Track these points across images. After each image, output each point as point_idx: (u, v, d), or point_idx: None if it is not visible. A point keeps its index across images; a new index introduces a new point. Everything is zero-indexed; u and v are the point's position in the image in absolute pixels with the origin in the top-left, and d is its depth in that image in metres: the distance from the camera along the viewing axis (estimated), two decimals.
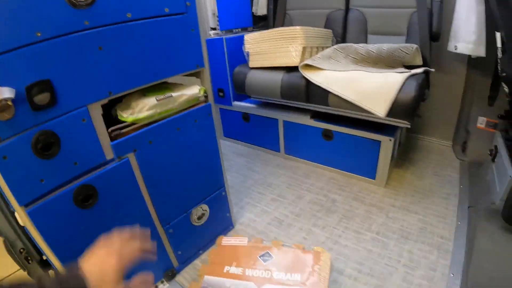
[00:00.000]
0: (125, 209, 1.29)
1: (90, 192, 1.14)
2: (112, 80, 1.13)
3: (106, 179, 1.19)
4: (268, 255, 1.48)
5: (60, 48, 0.97)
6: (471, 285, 1.42)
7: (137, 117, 1.24)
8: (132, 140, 1.25)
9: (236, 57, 2.71)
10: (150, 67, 1.24)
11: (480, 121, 2.47)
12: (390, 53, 2.13)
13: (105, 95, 1.13)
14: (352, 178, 2.40)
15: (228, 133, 3.17)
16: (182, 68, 1.39)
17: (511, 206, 1.61)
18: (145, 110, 1.26)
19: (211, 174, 1.67)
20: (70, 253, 1.14)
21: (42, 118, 0.97)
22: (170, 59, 1.31)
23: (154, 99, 1.28)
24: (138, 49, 1.18)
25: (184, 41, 1.34)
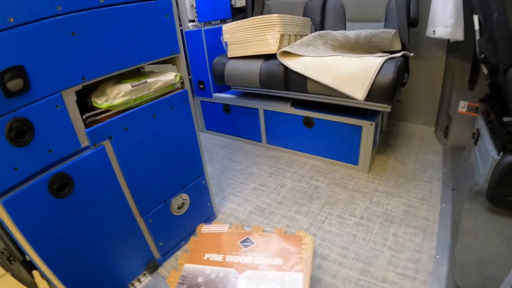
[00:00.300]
0: (102, 198, 1.25)
1: (65, 180, 1.10)
2: (85, 66, 1.10)
3: (81, 167, 1.15)
4: (249, 240, 1.44)
5: (33, 34, 0.94)
6: (459, 265, 1.42)
7: (112, 103, 1.21)
8: (107, 127, 1.21)
9: (215, 48, 2.68)
10: (124, 53, 1.21)
11: (462, 105, 2.48)
12: (369, 39, 2.12)
13: (79, 81, 1.09)
14: (335, 165, 2.38)
15: (209, 125, 3.13)
16: (157, 54, 1.36)
17: (495, 186, 1.62)
18: (120, 96, 1.23)
19: (190, 162, 1.64)
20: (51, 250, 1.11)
21: (15, 104, 0.94)
22: (144, 45, 1.28)
23: (129, 85, 1.25)
24: (112, 35, 1.15)
25: (158, 27, 1.31)
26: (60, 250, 1.14)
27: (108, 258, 1.34)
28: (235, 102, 2.73)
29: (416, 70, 2.62)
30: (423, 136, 2.76)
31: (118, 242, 1.36)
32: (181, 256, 1.44)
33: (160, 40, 1.34)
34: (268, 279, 1.24)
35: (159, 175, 1.48)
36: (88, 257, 1.25)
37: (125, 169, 1.31)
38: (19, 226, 1.00)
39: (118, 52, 1.19)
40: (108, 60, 1.16)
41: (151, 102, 1.36)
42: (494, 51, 1.63)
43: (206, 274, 1.30)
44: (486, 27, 1.68)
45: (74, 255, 1.19)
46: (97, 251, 1.28)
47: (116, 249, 1.37)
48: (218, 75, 2.53)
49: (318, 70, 2.01)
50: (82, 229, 1.19)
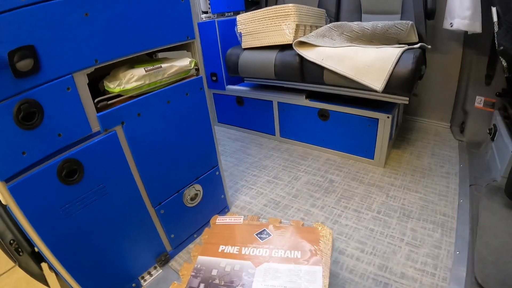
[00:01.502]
0: (113, 186, 1.22)
1: (75, 166, 1.08)
2: (98, 47, 1.07)
3: (92, 153, 1.12)
4: (266, 232, 1.42)
5: (45, 13, 0.91)
6: (478, 262, 1.39)
7: (125, 88, 1.19)
8: (119, 111, 1.18)
9: (228, 40, 2.66)
10: (138, 36, 1.18)
11: (478, 100, 2.45)
12: (385, 30, 2.08)
13: (91, 63, 1.06)
14: (350, 158, 2.36)
15: (222, 118, 3.10)
16: (172, 39, 1.33)
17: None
18: (133, 81, 1.20)
19: (204, 151, 1.61)
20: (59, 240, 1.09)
21: (25, 85, 0.91)
22: (159, 29, 1.25)
23: (142, 70, 1.22)
24: (126, 17, 1.12)
25: (173, 11, 1.28)
26: (69, 240, 1.12)
27: (118, 250, 1.32)
28: (248, 94, 2.71)
29: (432, 64, 2.58)
30: (439, 131, 2.73)
31: (128, 233, 1.34)
32: (194, 247, 1.42)
33: (175, 25, 1.31)
34: (285, 273, 1.21)
35: (172, 164, 1.46)
36: (97, 248, 1.23)
37: (137, 156, 1.29)
38: (26, 214, 0.98)
39: (132, 35, 1.16)
40: (122, 42, 1.14)
41: (165, 88, 1.33)
42: None
43: (220, 267, 1.28)
44: (505, 18, 1.65)
45: (82, 246, 1.17)
46: (107, 242, 1.26)
47: (126, 240, 1.35)
48: (232, 66, 2.49)
49: (335, 60, 1.97)
50: (91, 219, 1.17)
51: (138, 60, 1.29)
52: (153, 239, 1.49)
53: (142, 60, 1.32)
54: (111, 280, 1.33)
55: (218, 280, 1.22)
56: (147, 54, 1.40)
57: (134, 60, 1.25)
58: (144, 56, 1.39)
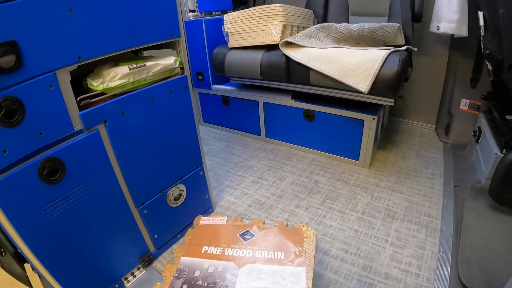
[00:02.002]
0: (96, 186, 1.20)
1: (56, 166, 1.05)
2: (82, 44, 1.05)
3: (74, 152, 1.10)
4: (249, 233, 1.41)
5: (28, 9, 0.89)
6: (462, 262, 1.41)
7: (108, 86, 1.16)
8: (102, 110, 1.16)
9: (215, 39, 2.64)
10: (123, 33, 1.17)
11: (463, 103, 2.48)
12: (372, 32, 2.09)
13: (75, 60, 1.04)
14: (335, 159, 2.36)
15: (207, 118, 3.08)
16: (157, 37, 1.31)
17: (498, 183, 1.62)
18: (116, 79, 1.18)
19: (188, 151, 1.59)
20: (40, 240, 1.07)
21: (6, 82, 0.89)
22: (144, 26, 1.23)
23: (126, 68, 1.20)
24: (111, 13, 1.10)
25: (159, 9, 1.27)
26: (51, 240, 1.09)
27: (100, 251, 1.29)
28: (234, 94, 2.69)
29: (418, 67, 2.60)
30: (424, 133, 2.74)
31: (111, 233, 1.32)
32: (178, 248, 1.40)
33: (160, 22, 1.29)
34: (269, 274, 1.20)
35: (156, 164, 1.44)
36: (80, 249, 1.20)
37: (120, 155, 1.26)
38: (6, 214, 0.96)
39: (117, 32, 1.14)
40: (106, 39, 1.12)
41: (149, 86, 1.31)
42: (500, 47, 1.64)
43: (204, 268, 1.26)
44: (491, 23, 1.67)
45: (65, 247, 1.14)
46: (89, 243, 1.24)
47: (109, 241, 1.32)
48: (218, 65, 2.48)
49: (322, 61, 1.97)
50: (73, 219, 1.15)
51: (123, 58, 1.27)
52: (136, 240, 1.46)
53: (127, 58, 1.30)
54: (94, 281, 1.30)
55: (201, 281, 1.21)
56: (133, 52, 1.37)
57: (119, 57, 1.23)
58: (129, 54, 1.37)
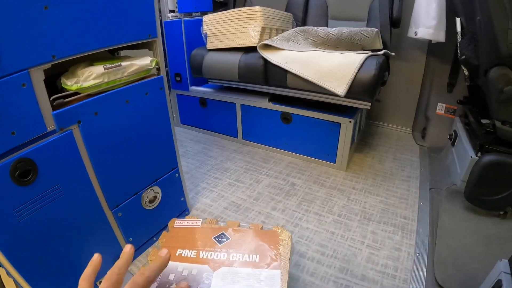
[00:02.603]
0: (69, 188, 1.16)
1: (29, 167, 1.02)
2: (57, 43, 1.02)
3: (46, 153, 1.06)
4: (224, 236, 1.39)
5: (2, 4, 0.86)
6: (438, 263, 1.43)
7: (82, 85, 1.14)
8: (75, 110, 1.13)
9: (194, 41, 2.61)
10: (98, 32, 1.14)
11: (440, 107, 2.52)
12: (350, 36, 2.09)
13: (49, 59, 1.01)
14: (312, 162, 2.36)
15: (184, 119, 3.05)
16: (134, 36, 1.29)
17: (473, 185, 1.64)
18: (91, 78, 1.15)
19: (164, 153, 1.57)
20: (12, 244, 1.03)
21: None
22: (120, 26, 1.21)
23: (101, 68, 1.18)
24: (87, 11, 1.08)
25: (136, 8, 1.25)
26: (23, 244, 1.05)
27: (75, 254, 1.25)
28: (212, 96, 2.68)
29: (395, 71, 2.63)
30: (401, 136, 2.78)
31: (85, 236, 1.28)
32: (152, 251, 1.38)
33: (137, 22, 1.27)
34: (244, 277, 1.18)
35: (130, 166, 1.41)
36: (53, 253, 1.16)
37: (94, 157, 1.23)
38: None
39: (92, 31, 1.11)
40: (81, 38, 1.09)
41: (124, 87, 1.29)
42: (476, 53, 1.67)
43: (178, 271, 1.24)
44: (468, 29, 1.71)
45: (38, 250, 1.11)
46: (64, 246, 1.20)
47: (84, 244, 1.28)
48: (196, 67, 2.46)
49: (299, 64, 1.98)
50: (46, 222, 1.11)
51: (99, 57, 1.24)
52: (111, 243, 1.43)
53: (103, 58, 1.27)
54: (69, 285, 1.26)
55: (175, 285, 1.18)
56: (109, 52, 1.35)
57: (94, 57, 1.21)
58: (105, 54, 1.34)
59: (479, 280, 1.16)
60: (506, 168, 1.57)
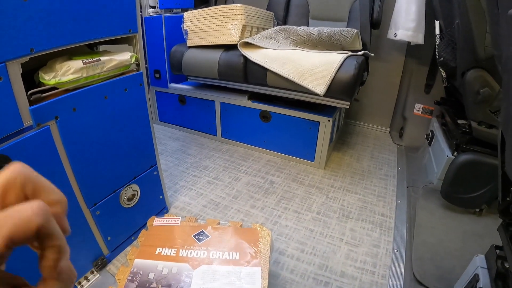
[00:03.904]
0: None
1: (4, 163, 0.99)
2: (35, 36, 1.00)
3: (23, 149, 1.04)
4: (203, 234, 1.38)
5: None
6: (416, 259, 1.46)
7: (60, 80, 1.11)
8: (53, 105, 1.10)
9: (174, 37, 2.59)
10: (78, 25, 1.12)
11: (417, 108, 2.56)
12: (331, 36, 2.11)
13: (26, 52, 0.98)
14: (291, 160, 2.37)
15: (163, 117, 3.02)
16: (114, 31, 1.27)
17: (449, 183, 1.68)
18: (69, 73, 1.13)
19: (142, 150, 1.55)
20: None
21: None
22: (100, 20, 1.19)
23: (80, 62, 1.16)
24: (66, 4, 1.05)
25: (117, 2, 1.23)
26: None
27: None
28: (191, 93, 2.66)
29: (374, 72, 2.66)
30: (378, 135, 2.81)
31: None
32: (131, 250, 1.36)
33: (117, 16, 1.25)
34: (224, 275, 1.18)
35: (109, 163, 1.39)
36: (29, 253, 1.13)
37: (71, 153, 1.21)
38: None
39: (72, 24, 1.09)
40: (60, 32, 1.07)
41: (103, 82, 1.27)
42: (453, 55, 1.71)
43: (158, 270, 1.23)
44: (447, 32, 1.75)
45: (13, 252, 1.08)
46: None
47: None
48: (175, 63, 2.44)
49: (279, 62, 1.98)
50: None
51: (78, 51, 1.22)
52: (89, 242, 1.41)
53: (82, 52, 1.25)
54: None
55: (155, 283, 1.17)
56: (88, 46, 1.32)
57: (73, 51, 1.18)
58: (84, 48, 1.32)
59: (456, 275, 1.18)
60: (481, 167, 1.61)
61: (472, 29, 1.42)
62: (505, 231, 0.91)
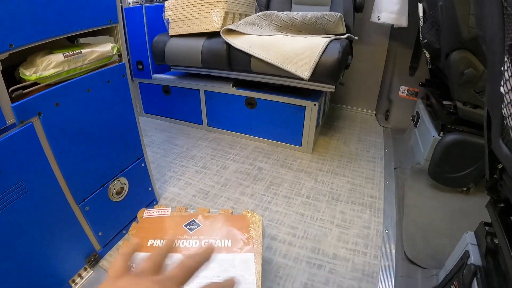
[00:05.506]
0: (32, 183, 1.11)
1: None
2: (14, 31, 0.96)
3: (7, 148, 1.01)
4: (194, 223, 1.37)
5: None
6: (407, 239, 1.47)
7: (42, 75, 1.09)
8: (35, 101, 1.08)
9: (156, 27, 2.55)
10: (57, 18, 1.09)
11: (402, 90, 2.58)
12: (314, 21, 2.10)
13: (5, 48, 0.95)
14: (278, 146, 2.37)
15: (148, 108, 2.99)
16: (94, 22, 1.24)
17: (436, 164, 1.70)
18: (50, 67, 1.10)
19: (128, 142, 1.53)
20: None
21: None
22: (80, 11, 1.16)
23: (61, 56, 1.13)
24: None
25: None
26: None
27: (43, 253, 1.21)
28: (175, 83, 2.63)
29: (359, 55, 2.66)
30: (365, 119, 2.83)
31: (53, 234, 1.23)
32: (122, 244, 1.35)
33: (97, 7, 1.22)
34: (218, 262, 1.18)
35: (95, 157, 1.36)
36: (20, 253, 1.12)
37: (57, 149, 1.18)
38: None
39: (51, 17, 1.06)
40: (40, 25, 1.04)
41: (86, 75, 1.24)
42: (437, 37, 1.72)
43: None
44: (430, 14, 1.75)
45: (4, 251, 1.06)
46: (31, 246, 1.15)
47: (52, 242, 1.24)
48: (158, 54, 2.41)
49: (263, 48, 1.97)
50: (11, 220, 1.06)
51: (58, 45, 1.19)
52: (80, 239, 1.39)
53: (63, 46, 1.22)
54: (39, 287, 1.22)
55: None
56: (69, 40, 1.29)
57: (54, 45, 1.15)
58: (65, 41, 1.29)
59: (447, 253, 1.19)
60: (467, 147, 1.63)
61: (455, 10, 1.43)
62: (494, 208, 0.92)
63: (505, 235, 0.81)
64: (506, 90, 0.65)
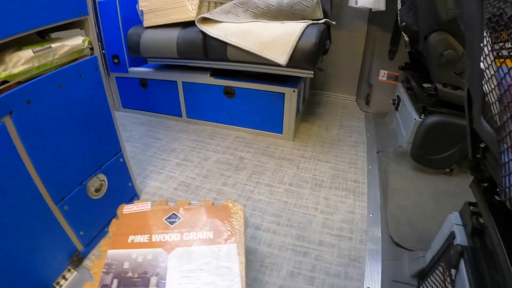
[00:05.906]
0: (8, 185, 1.07)
1: None
2: None
3: None
4: (175, 216, 1.35)
5: None
6: (392, 222, 1.48)
7: (11, 72, 1.05)
8: (6, 100, 1.03)
9: (131, 20, 2.48)
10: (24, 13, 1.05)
11: (382, 74, 2.59)
12: (291, 7, 2.08)
13: None
14: (259, 135, 2.36)
15: (126, 103, 2.94)
16: (63, 15, 1.20)
17: (418, 146, 1.71)
18: (20, 64, 1.07)
19: (105, 137, 1.49)
20: None
21: None
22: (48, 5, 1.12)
23: (30, 51, 1.09)
24: None
25: None
26: None
27: (23, 257, 1.17)
28: (152, 75, 2.59)
29: (338, 41, 2.67)
30: (346, 104, 2.84)
31: (32, 236, 1.19)
32: (103, 242, 1.32)
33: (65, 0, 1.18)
34: (201, 255, 1.17)
35: (71, 154, 1.32)
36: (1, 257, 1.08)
37: (31, 149, 1.14)
38: None
39: (18, 12, 1.02)
40: (6, 21, 0.99)
41: (56, 70, 1.20)
42: (415, 19, 1.72)
43: (132, 259, 1.19)
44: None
45: None
46: (10, 250, 1.12)
47: (32, 244, 1.20)
48: (133, 46, 2.36)
49: (239, 36, 1.95)
50: None
51: (28, 41, 1.15)
52: (61, 240, 1.35)
53: (32, 42, 1.18)
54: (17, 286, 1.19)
55: (131, 273, 1.14)
56: (40, 35, 1.25)
57: (23, 42, 1.11)
58: (35, 37, 1.24)
59: (433, 235, 1.20)
60: (448, 128, 1.63)
61: None
62: (478, 187, 0.92)
63: (490, 214, 0.80)
64: (486, 65, 0.65)
